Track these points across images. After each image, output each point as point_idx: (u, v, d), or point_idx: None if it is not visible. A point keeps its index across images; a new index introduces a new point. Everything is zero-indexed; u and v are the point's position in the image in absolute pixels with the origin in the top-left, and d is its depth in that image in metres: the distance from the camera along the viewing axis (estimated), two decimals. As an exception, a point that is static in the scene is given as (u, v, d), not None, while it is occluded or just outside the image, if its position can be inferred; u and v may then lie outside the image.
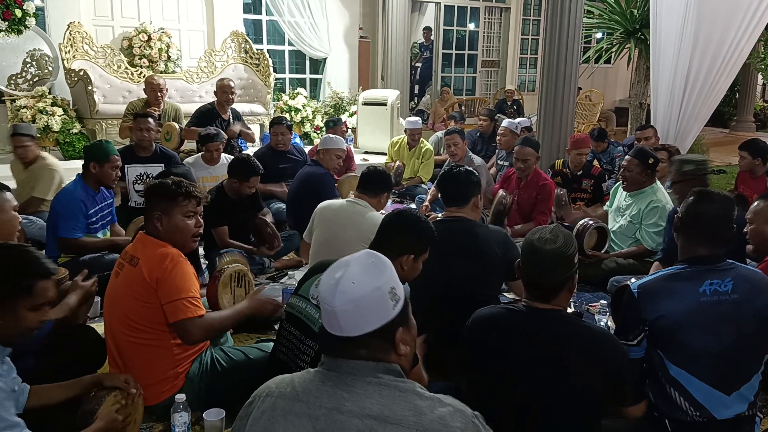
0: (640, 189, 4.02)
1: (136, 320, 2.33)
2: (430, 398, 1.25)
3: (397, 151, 6.57)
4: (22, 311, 1.78)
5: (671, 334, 2.02)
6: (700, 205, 2.14)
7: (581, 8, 5.70)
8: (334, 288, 1.24)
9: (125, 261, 2.41)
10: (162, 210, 2.40)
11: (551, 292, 1.88)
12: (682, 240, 2.19)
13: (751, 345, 2.05)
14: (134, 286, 2.31)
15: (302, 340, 2.18)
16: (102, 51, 7.21)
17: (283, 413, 1.25)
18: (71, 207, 3.58)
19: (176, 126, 5.60)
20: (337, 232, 3.32)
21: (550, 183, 4.64)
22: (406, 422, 1.19)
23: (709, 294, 2.03)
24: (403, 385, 1.26)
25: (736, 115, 12.51)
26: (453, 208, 2.80)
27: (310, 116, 8.74)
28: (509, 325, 1.92)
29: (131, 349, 2.35)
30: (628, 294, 2.12)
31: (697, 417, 2.01)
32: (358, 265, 1.27)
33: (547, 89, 5.82)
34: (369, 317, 1.24)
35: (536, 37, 12.80)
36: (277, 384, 1.33)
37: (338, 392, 1.24)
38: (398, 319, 1.28)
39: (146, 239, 2.43)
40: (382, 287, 1.25)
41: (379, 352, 1.27)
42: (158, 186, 2.47)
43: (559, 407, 1.83)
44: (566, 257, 1.85)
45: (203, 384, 2.43)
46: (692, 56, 5.42)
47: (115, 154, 3.75)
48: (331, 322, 1.26)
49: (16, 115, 6.48)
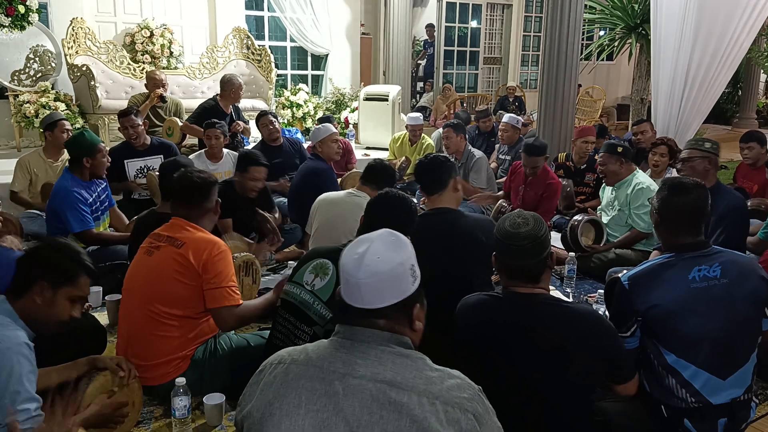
0: (621, 180, 4.12)
1: (168, 297, 2.37)
2: (440, 370, 1.29)
3: (399, 147, 6.58)
4: (61, 298, 1.89)
5: (665, 322, 2.04)
6: (677, 197, 2.15)
7: (581, 4, 5.70)
8: (359, 261, 1.27)
9: (161, 242, 2.45)
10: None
11: (536, 273, 1.90)
12: (664, 232, 2.20)
13: (745, 328, 2.07)
14: (176, 265, 2.36)
15: (297, 325, 2.20)
16: (105, 47, 7.24)
17: (296, 377, 1.28)
18: (73, 201, 3.59)
19: (178, 121, 5.63)
20: (336, 223, 3.35)
21: (556, 182, 4.62)
22: (417, 389, 1.22)
23: (698, 280, 2.05)
24: (415, 355, 1.30)
25: (739, 112, 12.49)
26: (434, 197, 2.77)
27: (311, 112, 8.76)
28: (493, 311, 1.94)
29: (148, 323, 2.37)
30: (619, 286, 2.14)
31: (693, 403, 2.02)
32: (381, 242, 1.31)
33: (547, 85, 5.83)
34: (390, 291, 1.28)
35: (538, 34, 12.80)
36: (290, 353, 1.35)
37: (352, 358, 1.27)
38: (416, 295, 1.32)
39: (183, 223, 2.49)
40: (404, 263, 1.29)
41: (396, 324, 1.30)
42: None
43: (552, 392, 1.85)
44: (541, 236, 1.87)
45: (206, 368, 2.45)
46: (693, 50, 5.42)
47: (100, 142, 3.78)
48: (353, 294, 1.29)
49: (20, 110, 6.52)
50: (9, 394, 1.68)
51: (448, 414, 1.20)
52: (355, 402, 1.21)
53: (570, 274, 3.75)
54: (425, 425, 1.18)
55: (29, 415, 1.69)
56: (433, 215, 2.72)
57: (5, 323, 1.80)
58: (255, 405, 1.30)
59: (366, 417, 1.19)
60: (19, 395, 1.69)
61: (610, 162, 4.10)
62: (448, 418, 1.19)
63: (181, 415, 2.20)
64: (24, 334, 1.81)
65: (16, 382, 1.69)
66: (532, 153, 4.48)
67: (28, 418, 1.68)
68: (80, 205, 3.60)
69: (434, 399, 1.21)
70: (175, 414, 2.20)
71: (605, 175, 4.17)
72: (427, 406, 1.20)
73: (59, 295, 1.89)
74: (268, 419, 1.25)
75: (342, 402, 1.22)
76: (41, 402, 1.75)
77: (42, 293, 1.86)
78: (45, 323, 1.90)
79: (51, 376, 2.07)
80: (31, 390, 1.72)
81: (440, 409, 1.20)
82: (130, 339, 2.42)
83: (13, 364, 1.70)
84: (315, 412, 1.22)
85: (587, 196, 5.09)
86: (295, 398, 1.25)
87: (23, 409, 1.68)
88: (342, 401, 1.22)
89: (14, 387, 1.69)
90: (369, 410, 1.20)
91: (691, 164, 3.34)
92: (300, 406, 1.24)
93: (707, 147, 3.38)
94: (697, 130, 6.00)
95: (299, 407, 1.24)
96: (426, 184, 2.82)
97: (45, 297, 1.87)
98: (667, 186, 2.21)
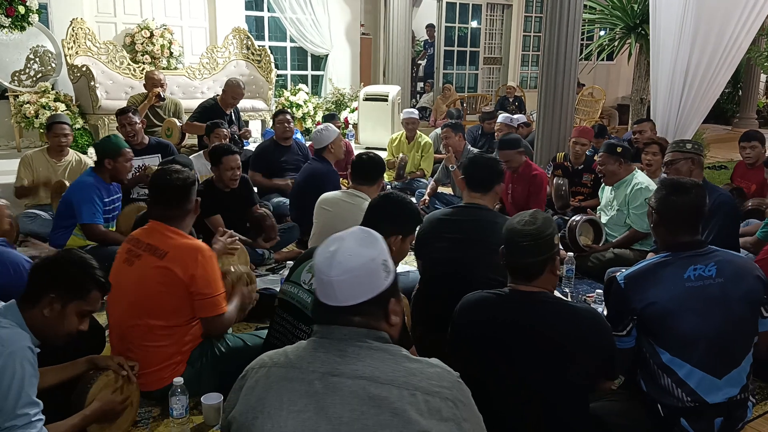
0: (619, 180, 4.13)
1: (156, 310, 2.32)
2: (419, 361, 1.29)
3: (396, 146, 6.60)
4: (70, 313, 1.89)
5: (661, 320, 2.05)
6: (676, 196, 2.16)
7: (580, 4, 5.70)
8: (330, 259, 1.28)
9: (141, 249, 2.37)
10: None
11: (533, 273, 1.91)
12: (663, 231, 2.21)
13: (740, 328, 2.08)
14: (160, 277, 2.29)
15: (295, 324, 2.20)
16: (104, 47, 7.25)
17: (276, 380, 1.28)
18: (90, 193, 3.66)
19: (177, 122, 5.63)
20: (336, 224, 3.34)
21: (540, 174, 4.68)
22: (396, 382, 1.22)
23: (694, 279, 2.06)
24: (393, 349, 1.30)
25: (739, 112, 12.49)
26: (475, 194, 2.81)
27: (311, 112, 8.77)
28: (494, 309, 1.95)
29: (140, 336, 2.35)
30: (615, 286, 2.15)
31: (689, 402, 2.03)
32: (352, 239, 1.32)
33: (546, 85, 5.83)
34: (364, 287, 1.28)
35: (538, 34, 12.78)
36: (270, 356, 1.36)
37: (331, 357, 1.27)
38: (390, 290, 1.33)
39: (162, 228, 2.40)
40: (376, 258, 1.30)
41: (371, 320, 1.31)
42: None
43: (552, 392, 1.85)
44: (543, 237, 1.88)
45: (203, 369, 2.45)
46: (692, 50, 5.41)
47: (126, 147, 3.83)
48: (327, 292, 1.30)
49: (20, 110, 6.53)
50: (11, 398, 1.69)
51: (429, 404, 1.21)
52: (335, 400, 1.22)
53: (568, 274, 3.76)
54: (406, 417, 1.19)
55: (28, 420, 1.69)
56: (471, 207, 2.77)
57: (11, 327, 1.80)
58: (238, 410, 1.30)
59: (347, 414, 1.20)
60: (20, 400, 1.70)
61: (609, 162, 4.11)
62: (429, 408, 1.21)
63: (179, 414, 2.21)
64: (28, 337, 1.82)
65: (18, 387, 1.70)
66: (503, 147, 4.59)
67: (27, 422, 1.69)
68: (96, 199, 3.66)
69: (414, 390, 1.22)
70: (173, 414, 2.20)
71: (604, 175, 4.19)
72: (408, 398, 1.20)
73: (69, 309, 1.89)
74: (251, 423, 1.26)
75: (323, 401, 1.22)
76: (41, 406, 1.76)
77: (51, 306, 1.86)
78: (52, 336, 1.90)
79: (48, 376, 2.07)
80: (31, 394, 1.73)
81: (421, 400, 1.21)
82: (123, 351, 2.39)
83: (16, 368, 1.71)
84: (297, 413, 1.23)
85: (585, 196, 5.09)
86: (277, 400, 1.25)
87: (23, 414, 1.69)
88: (323, 400, 1.22)
89: (16, 391, 1.70)
90: (350, 407, 1.21)
91: (675, 167, 3.36)
92: (282, 408, 1.24)
93: (689, 148, 3.40)
94: (697, 130, 6.01)
95: (281, 409, 1.24)
96: (473, 181, 2.83)
97: (54, 310, 1.86)
98: (666, 186, 2.22)
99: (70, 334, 1.92)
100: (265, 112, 7.99)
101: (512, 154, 4.54)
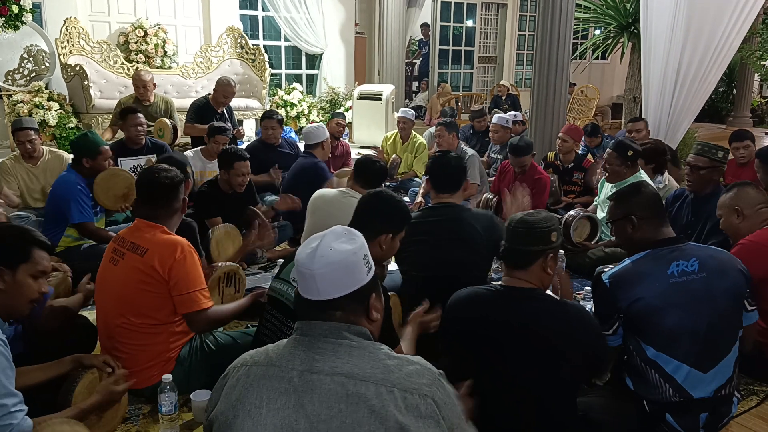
0: (622, 180, 4.07)
1: (138, 308, 2.32)
2: (398, 358, 1.30)
3: (391, 145, 6.60)
4: (23, 276, 1.89)
5: (647, 317, 2.07)
6: (639, 194, 2.27)
7: (572, 4, 5.73)
8: (312, 254, 1.30)
9: (125, 248, 2.38)
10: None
11: (521, 263, 1.94)
12: (646, 230, 2.22)
13: (725, 322, 2.10)
14: (141, 275, 2.30)
15: (284, 321, 2.21)
16: (98, 46, 7.25)
17: (257, 378, 1.30)
18: (76, 192, 3.60)
19: (168, 123, 5.57)
20: (329, 222, 3.33)
21: (545, 177, 4.67)
22: (374, 379, 1.23)
23: (677, 275, 2.08)
24: (372, 346, 1.32)
25: (733, 111, 12.54)
26: (443, 195, 2.82)
27: (305, 111, 8.77)
28: (486, 307, 1.96)
29: (126, 335, 2.36)
30: (601, 286, 2.17)
31: (675, 397, 2.05)
32: (333, 235, 1.35)
33: (539, 84, 5.86)
34: (345, 280, 1.30)
35: (533, 33, 12.77)
36: (252, 355, 1.37)
37: (310, 354, 1.29)
38: (371, 285, 1.35)
39: (144, 225, 2.41)
40: (357, 252, 1.32)
41: (352, 315, 1.32)
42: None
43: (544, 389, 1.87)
44: (539, 227, 1.92)
45: (192, 367, 2.45)
46: (683, 49, 5.43)
47: (104, 145, 3.78)
48: (309, 286, 1.31)
49: (13, 110, 6.53)
50: None
51: (407, 400, 1.22)
52: (314, 398, 1.23)
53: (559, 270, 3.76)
54: (383, 414, 1.20)
55: (6, 411, 1.67)
56: (439, 207, 2.80)
57: None
58: (220, 408, 1.32)
59: (325, 412, 1.21)
60: None
61: (615, 162, 4.00)
62: (407, 405, 1.21)
63: (168, 411, 2.21)
64: None
65: None
66: (518, 153, 4.56)
67: (6, 413, 1.67)
68: (82, 196, 3.62)
69: (392, 387, 1.23)
70: (162, 411, 2.21)
71: (608, 172, 4.10)
72: (385, 395, 1.21)
73: (19, 274, 1.88)
74: (232, 421, 1.27)
75: (302, 398, 1.24)
76: (21, 398, 1.74)
77: (2, 278, 1.86)
78: (18, 307, 1.90)
79: (35, 374, 2.06)
80: (8, 386, 1.71)
81: (398, 396, 1.22)
82: (111, 350, 2.39)
83: None
84: (276, 411, 1.24)
85: (576, 194, 5.11)
86: (257, 398, 1.27)
87: (1, 405, 1.67)
88: (302, 398, 1.24)
89: None
90: (327, 404, 1.22)
91: (701, 173, 3.34)
92: (261, 406, 1.26)
93: (720, 156, 3.36)
94: (689, 129, 6.03)
95: (260, 407, 1.26)
96: (439, 182, 2.84)
97: (6, 281, 1.86)
98: (627, 191, 2.32)
99: (33, 300, 1.92)
100: (259, 111, 8.00)
101: (527, 159, 4.56)
